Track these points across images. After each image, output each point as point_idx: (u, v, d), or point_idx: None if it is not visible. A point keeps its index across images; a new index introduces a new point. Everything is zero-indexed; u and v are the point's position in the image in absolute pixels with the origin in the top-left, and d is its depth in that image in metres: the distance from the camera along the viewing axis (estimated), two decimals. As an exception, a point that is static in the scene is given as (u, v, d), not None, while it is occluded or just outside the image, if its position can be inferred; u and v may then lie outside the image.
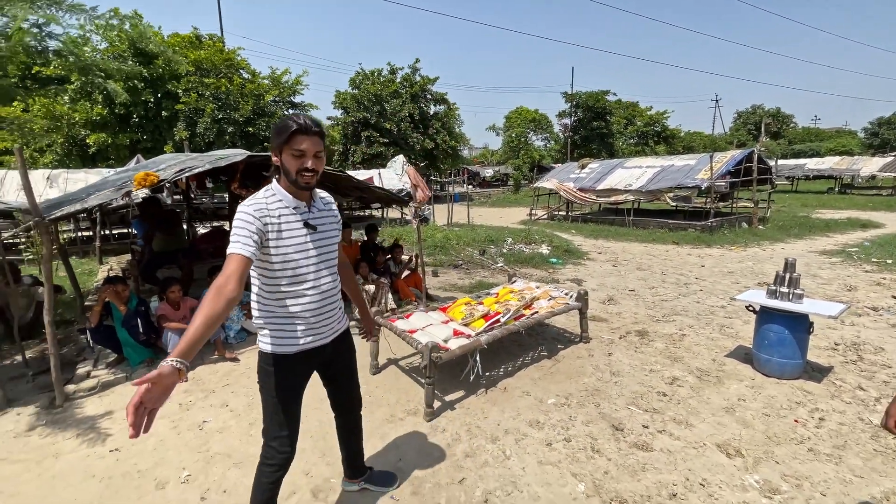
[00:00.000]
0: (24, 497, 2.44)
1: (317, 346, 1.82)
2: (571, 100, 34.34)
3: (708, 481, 2.42)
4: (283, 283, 1.70)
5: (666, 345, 4.32)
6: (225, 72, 18.27)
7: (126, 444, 2.88)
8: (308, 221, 1.74)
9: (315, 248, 1.75)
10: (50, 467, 2.69)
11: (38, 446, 2.90)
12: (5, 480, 2.57)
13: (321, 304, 1.78)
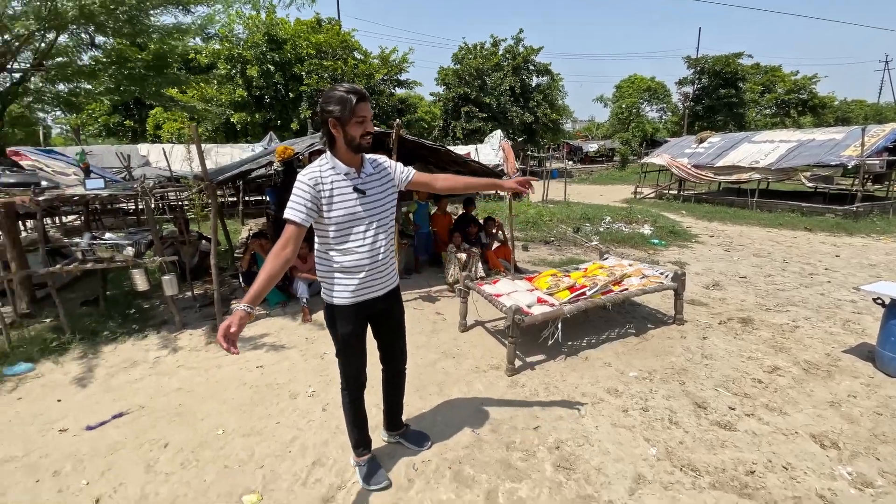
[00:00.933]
0: (197, 394, 3.26)
1: (369, 298, 2.02)
2: (695, 65, 30.56)
3: (792, 465, 2.37)
4: (336, 243, 1.91)
5: (773, 334, 4.02)
6: (340, 53, 19.74)
7: (269, 362, 3.65)
8: (357, 186, 1.90)
9: (364, 211, 1.91)
10: (215, 374, 3.53)
11: (205, 359, 3.79)
12: (185, 380, 3.44)
13: (372, 262, 1.96)
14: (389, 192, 2.03)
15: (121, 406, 3.05)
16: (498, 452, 2.52)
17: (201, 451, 2.59)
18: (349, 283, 1.96)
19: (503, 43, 24.79)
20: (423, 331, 4.26)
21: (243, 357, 3.77)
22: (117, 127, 21.89)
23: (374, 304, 2.07)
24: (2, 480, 2.38)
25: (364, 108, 1.80)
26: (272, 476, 2.37)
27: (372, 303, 2.05)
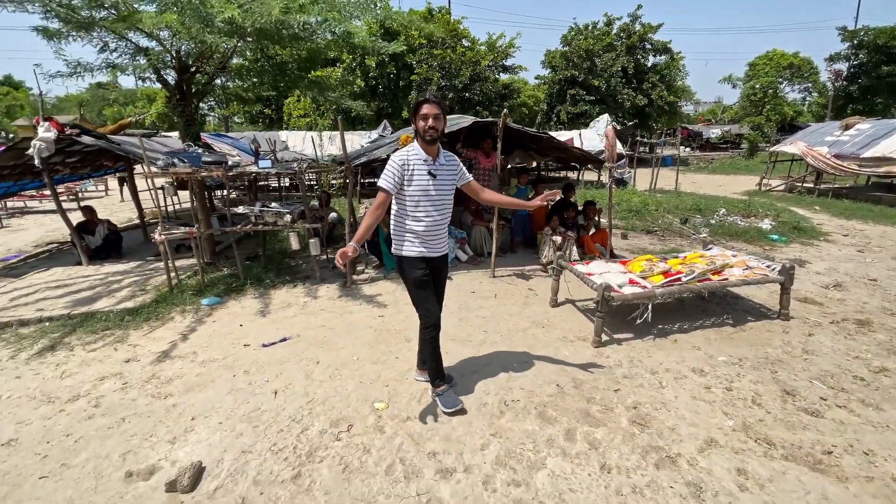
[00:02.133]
0: (336, 330, 4.11)
1: (427, 256, 2.65)
2: (852, 37, 25.72)
3: (874, 452, 2.41)
4: (409, 210, 2.56)
5: (890, 338, 3.75)
6: (449, 42, 20.46)
7: (387, 313, 4.42)
8: (431, 171, 2.53)
9: (435, 190, 2.56)
10: (347, 318, 4.39)
11: (340, 306, 4.69)
12: (326, 320, 4.33)
13: (432, 228, 2.61)
14: (451, 182, 2.67)
15: (284, 333, 4.02)
16: (578, 403, 2.92)
17: (343, 369, 3.39)
18: (416, 241, 2.61)
19: (618, 21, 23.44)
20: (516, 303, 4.71)
21: (367, 307, 4.61)
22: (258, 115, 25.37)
23: (432, 262, 2.71)
24: (211, 373, 3.40)
25: (425, 108, 2.43)
26: (394, 393, 3.06)
27: (430, 260, 2.68)
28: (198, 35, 3.82)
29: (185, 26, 3.92)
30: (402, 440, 2.58)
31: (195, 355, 3.65)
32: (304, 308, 4.65)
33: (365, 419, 2.78)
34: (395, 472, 2.34)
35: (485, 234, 6.12)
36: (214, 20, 3.76)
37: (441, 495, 2.18)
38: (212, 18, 3.77)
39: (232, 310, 4.64)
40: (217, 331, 4.14)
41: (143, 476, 2.32)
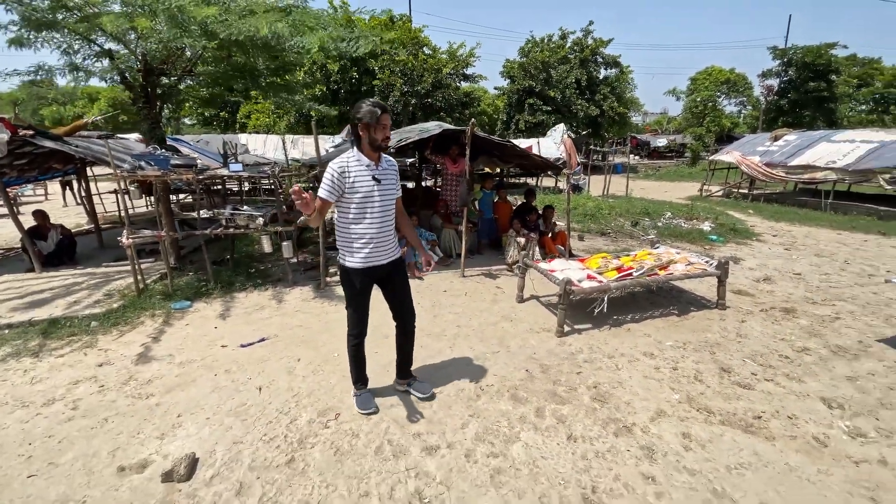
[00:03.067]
0: (314, 329, 4.23)
1: (376, 265, 2.58)
2: (782, 55, 28.40)
3: (797, 416, 2.86)
4: (354, 217, 2.48)
5: (811, 322, 4.34)
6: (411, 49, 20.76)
7: (362, 313, 4.57)
8: (375, 176, 2.48)
9: (378, 195, 2.49)
10: (324, 317, 4.50)
11: (316, 307, 4.79)
12: (303, 320, 4.43)
13: (379, 234, 2.53)
14: (394, 186, 2.63)
15: (261, 334, 4.09)
16: (546, 385, 3.22)
17: (325, 364, 3.53)
18: (362, 250, 2.53)
19: (571, 35, 24.62)
20: (486, 299, 5.00)
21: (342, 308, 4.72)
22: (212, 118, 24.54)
23: (379, 270, 2.63)
24: (191, 373, 3.43)
25: (385, 119, 2.42)
26: (377, 384, 3.24)
27: (378, 269, 2.62)
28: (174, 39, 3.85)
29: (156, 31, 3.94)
30: (388, 424, 2.77)
31: (172, 357, 3.66)
32: (279, 310, 4.72)
33: (351, 408, 2.95)
34: (384, 451, 2.53)
35: (454, 237, 6.39)
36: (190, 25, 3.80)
37: (428, 469, 2.40)
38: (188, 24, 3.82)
39: (204, 313, 4.63)
40: (191, 333, 4.14)
41: (137, 469, 2.38)
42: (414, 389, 3.09)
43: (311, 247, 7.38)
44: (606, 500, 2.18)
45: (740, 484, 2.28)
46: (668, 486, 2.26)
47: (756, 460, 2.46)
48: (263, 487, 2.27)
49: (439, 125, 5.53)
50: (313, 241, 7.61)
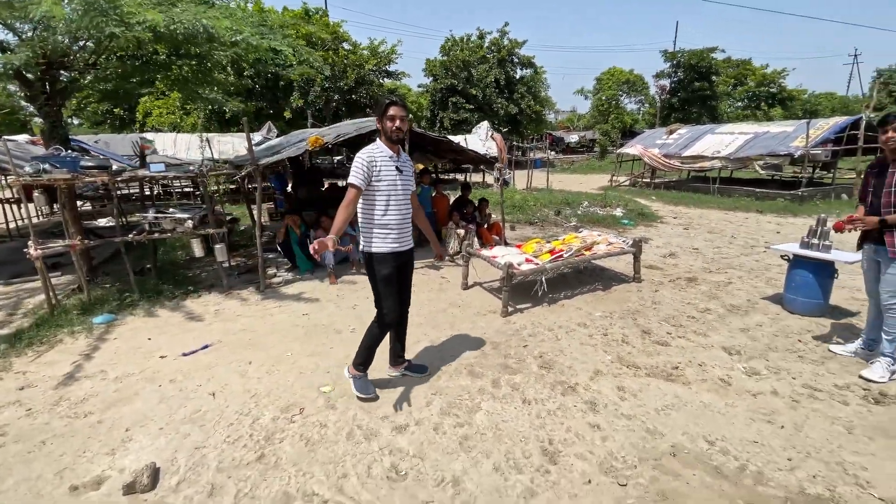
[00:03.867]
0: (261, 332, 4.12)
1: (398, 250, 2.73)
2: (672, 58, 31.87)
3: (704, 364, 3.40)
4: (380, 206, 2.63)
5: (710, 288, 5.09)
6: (330, 44, 20.23)
7: (311, 311, 4.54)
8: (398, 166, 2.66)
9: (401, 184, 2.68)
10: (269, 320, 4.40)
11: (258, 310, 4.65)
12: (247, 325, 4.29)
13: (402, 222, 2.71)
14: (412, 179, 2.82)
15: (203, 341, 3.90)
16: (498, 360, 3.48)
17: (279, 364, 3.49)
18: (389, 236, 2.68)
19: (489, 36, 25.52)
20: (432, 289, 5.19)
21: (289, 307, 4.66)
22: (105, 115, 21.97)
23: (402, 256, 2.78)
24: (131, 387, 3.22)
25: (392, 110, 2.55)
26: (337, 376, 3.28)
27: (402, 254, 2.77)
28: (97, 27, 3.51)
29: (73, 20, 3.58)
30: (356, 412, 2.85)
31: (105, 373, 3.39)
32: (218, 315, 4.51)
33: (314, 402, 2.97)
34: (356, 436, 2.62)
35: (394, 231, 6.48)
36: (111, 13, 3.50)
37: (400, 445, 2.53)
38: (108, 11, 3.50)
39: (132, 325, 4.30)
40: (122, 347, 3.84)
41: (91, 486, 2.23)
42: (410, 371, 3.21)
43: (242, 249, 7.05)
44: (562, 448, 2.48)
45: (667, 422, 2.71)
46: (611, 431, 2.62)
47: (677, 402, 2.91)
48: (237, 485, 2.26)
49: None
50: (245, 245, 7.26)
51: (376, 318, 2.89)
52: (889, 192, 3.00)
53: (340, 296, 4.99)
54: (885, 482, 2.20)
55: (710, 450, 2.45)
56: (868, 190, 3.20)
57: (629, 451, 2.45)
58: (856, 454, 2.40)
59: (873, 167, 3.22)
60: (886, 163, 3.10)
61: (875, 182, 3.14)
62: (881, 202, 3.04)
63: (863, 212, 3.21)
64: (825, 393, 2.99)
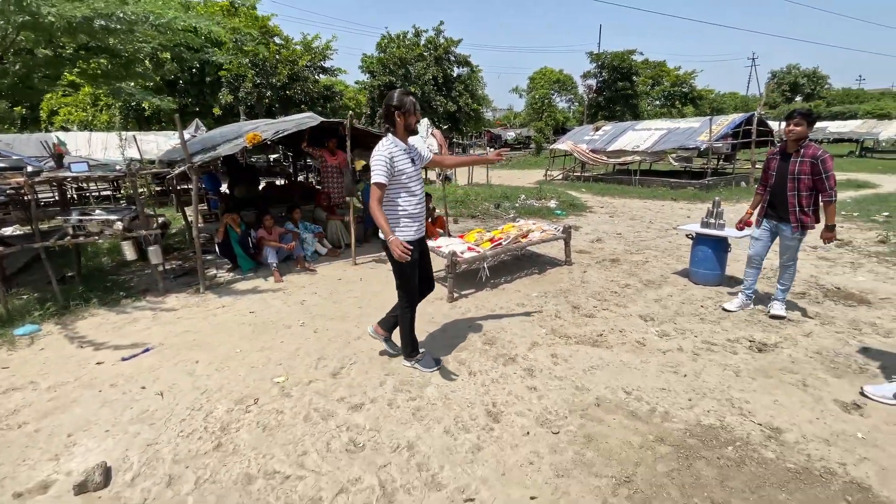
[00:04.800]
0: (206, 332, 4.07)
1: (419, 237, 3.02)
2: (597, 60, 33.92)
3: (624, 330, 3.87)
4: (403, 196, 2.84)
5: (630, 267, 5.69)
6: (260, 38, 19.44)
7: (257, 309, 4.52)
8: (412, 158, 2.89)
9: (416, 174, 2.91)
10: (213, 320, 4.33)
11: (200, 312, 4.55)
12: (190, 326, 4.21)
13: (420, 209, 2.94)
14: (420, 165, 3.05)
15: (143, 346, 3.79)
16: (446, 340, 3.73)
17: (228, 361, 3.49)
18: (411, 226, 2.91)
19: (425, 34, 25.71)
20: (381, 282, 5.33)
21: (234, 306, 4.60)
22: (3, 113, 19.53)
23: (421, 242, 3.07)
24: (67, 395, 3.10)
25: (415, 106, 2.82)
26: (290, 367, 3.37)
27: (421, 241, 3.06)
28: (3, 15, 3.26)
29: None
30: (311, 397, 2.97)
31: (35, 384, 3.21)
32: (157, 319, 4.37)
33: (268, 392, 3.05)
34: (313, 418, 2.74)
35: (341, 228, 6.53)
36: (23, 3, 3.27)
37: (357, 422, 2.70)
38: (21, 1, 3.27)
39: (60, 334, 4.05)
40: (51, 357, 3.63)
41: (37, 491, 2.19)
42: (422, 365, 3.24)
43: (177, 252, 6.76)
44: (504, 409, 2.77)
45: (592, 379, 3.10)
46: (546, 391, 2.96)
47: (602, 363, 3.32)
48: (196, 473, 2.31)
49: (316, 117, 5.61)
50: (179, 247, 6.96)
51: (401, 303, 3.12)
52: (793, 178, 3.62)
53: (287, 292, 4.99)
54: (762, 411, 2.71)
55: (627, 398, 2.86)
56: (770, 173, 3.81)
57: (561, 406, 2.79)
58: (742, 391, 2.92)
59: (775, 154, 3.85)
60: (787, 151, 3.72)
61: (778, 167, 3.76)
62: (786, 186, 3.65)
63: (758, 201, 3.86)
64: (720, 346, 3.54)
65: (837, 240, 6.70)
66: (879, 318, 3.97)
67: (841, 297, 4.49)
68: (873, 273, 5.20)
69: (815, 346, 3.49)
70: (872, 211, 8.85)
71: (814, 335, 3.68)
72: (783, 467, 2.24)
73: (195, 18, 4.83)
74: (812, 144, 3.64)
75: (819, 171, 3.54)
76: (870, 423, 2.56)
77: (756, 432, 2.52)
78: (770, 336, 3.67)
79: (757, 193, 4.05)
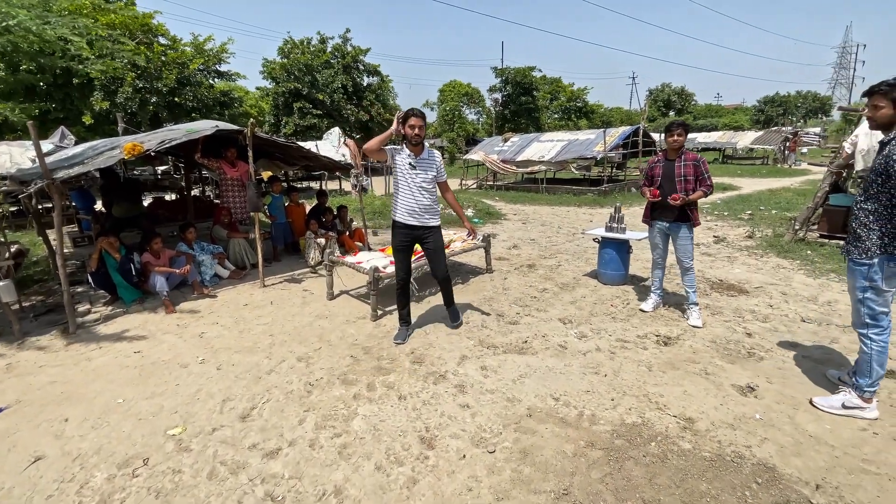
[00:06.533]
0: (77, 382, 3.39)
1: (409, 224, 3.64)
2: (501, 74, 35.76)
3: (546, 335, 3.97)
4: (397, 187, 3.64)
5: (545, 271, 5.93)
6: (142, 37, 17.39)
7: (145, 347, 3.89)
8: (411, 162, 3.55)
9: (409, 176, 3.57)
10: (87, 366, 3.63)
11: (69, 356, 3.80)
12: (56, 375, 3.48)
13: (411, 202, 3.61)
14: (430, 171, 3.65)
15: (-13, 406, 3.04)
16: (372, 363, 3.51)
17: (108, 415, 2.92)
18: (396, 210, 3.68)
19: (331, 41, 25.04)
20: (295, 304, 4.92)
21: (114, 347, 3.92)
22: None
23: (413, 231, 3.68)
24: None
25: (412, 120, 3.44)
26: (188, 414, 2.90)
27: (413, 227, 3.67)
28: None
29: None
30: (216, 448, 2.57)
31: None
32: (11, 371, 3.55)
33: (161, 448, 2.59)
34: (220, 473, 2.36)
35: (244, 246, 5.94)
36: None
37: (274, 470, 2.38)
38: None
39: None
40: None
41: None
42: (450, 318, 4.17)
43: (38, 286, 5.65)
44: (438, 432, 2.64)
45: (523, 388, 3.09)
46: (479, 407, 2.88)
47: (529, 370, 3.35)
48: (63, 568, 1.84)
49: (213, 125, 5.04)
50: (42, 279, 5.82)
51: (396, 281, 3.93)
52: (681, 181, 3.95)
53: (182, 325, 4.38)
54: (675, 402, 2.90)
55: (556, 405, 2.89)
56: (656, 178, 4.13)
57: (495, 421, 2.73)
58: (656, 386, 3.11)
59: (657, 161, 4.19)
60: (668, 157, 4.08)
61: (663, 172, 4.08)
62: (675, 188, 3.97)
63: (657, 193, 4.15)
64: (632, 343, 3.77)
65: (714, 237, 7.67)
66: (756, 305, 4.55)
67: (724, 288, 5.08)
68: (746, 265, 6.00)
69: (710, 336, 3.87)
70: (738, 210, 10.32)
71: (707, 325, 4.09)
72: (700, 457, 2.39)
73: (59, 26, 4.04)
74: (688, 151, 4.09)
75: (701, 172, 3.97)
76: (764, 405, 2.86)
77: (673, 425, 2.67)
78: (672, 329, 4.01)
79: (644, 187, 4.31)
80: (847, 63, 65.13)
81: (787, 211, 10.10)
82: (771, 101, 57.37)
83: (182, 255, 5.12)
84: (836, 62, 67.41)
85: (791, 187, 14.95)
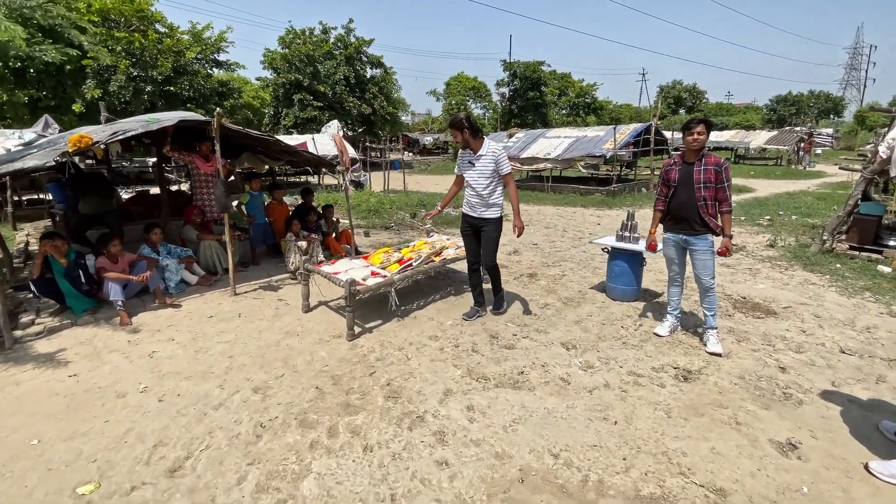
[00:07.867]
0: (-4, 412, 2.90)
1: (467, 213, 4.13)
2: (510, 68, 34.92)
3: (546, 363, 3.42)
4: (464, 184, 4.11)
5: (548, 282, 5.37)
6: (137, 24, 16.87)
7: (83, 370, 3.38)
8: (470, 160, 3.99)
9: (467, 173, 4.04)
10: (13, 391, 3.13)
11: (-3, 378, 3.30)
12: (-26, 402, 2.99)
13: (472, 196, 4.02)
14: (485, 169, 3.92)
15: None
16: (338, 398, 2.98)
17: (14, 463, 2.41)
18: (465, 203, 4.15)
19: (333, 31, 24.41)
20: (266, 317, 4.40)
21: (49, 368, 3.41)
22: None
23: (471, 220, 4.11)
24: None
25: (453, 133, 3.97)
26: (108, 465, 2.39)
27: (470, 218, 4.12)
28: None
29: None
30: (128, 517, 2.05)
31: None
32: (-79, 396, 3.06)
33: (64, 514, 2.07)
34: (121, 559, 1.85)
35: (216, 249, 5.42)
36: None
37: (191, 556, 1.86)
38: None
39: None
40: None
41: None
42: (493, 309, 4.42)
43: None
44: (405, 502, 2.11)
45: (514, 440, 2.55)
46: (460, 466, 2.35)
47: (524, 413, 2.81)
48: None
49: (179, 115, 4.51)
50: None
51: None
52: (700, 187, 3.39)
53: (133, 342, 3.86)
54: (701, 465, 2.35)
55: (555, 465, 2.35)
56: (672, 184, 3.57)
57: (478, 487, 2.20)
58: (676, 439, 2.56)
59: (673, 164, 3.62)
60: (686, 160, 3.50)
61: (680, 176, 3.52)
62: (694, 195, 3.41)
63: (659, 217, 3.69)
64: (646, 378, 3.22)
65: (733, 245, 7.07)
66: (787, 330, 3.98)
67: (749, 308, 4.51)
68: (770, 279, 5.41)
69: (738, 370, 3.31)
70: (756, 214, 9.70)
71: (733, 355, 3.53)
72: (740, 555, 1.85)
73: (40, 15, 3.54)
74: (710, 153, 3.51)
75: (722, 179, 3.40)
76: (810, 470, 2.31)
77: (700, 499, 2.13)
78: (693, 361, 3.45)
79: (657, 210, 3.79)
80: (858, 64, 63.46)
81: (809, 217, 9.47)
82: (784, 100, 56.07)
83: (144, 260, 4.60)
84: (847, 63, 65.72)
85: (809, 191, 14.25)
